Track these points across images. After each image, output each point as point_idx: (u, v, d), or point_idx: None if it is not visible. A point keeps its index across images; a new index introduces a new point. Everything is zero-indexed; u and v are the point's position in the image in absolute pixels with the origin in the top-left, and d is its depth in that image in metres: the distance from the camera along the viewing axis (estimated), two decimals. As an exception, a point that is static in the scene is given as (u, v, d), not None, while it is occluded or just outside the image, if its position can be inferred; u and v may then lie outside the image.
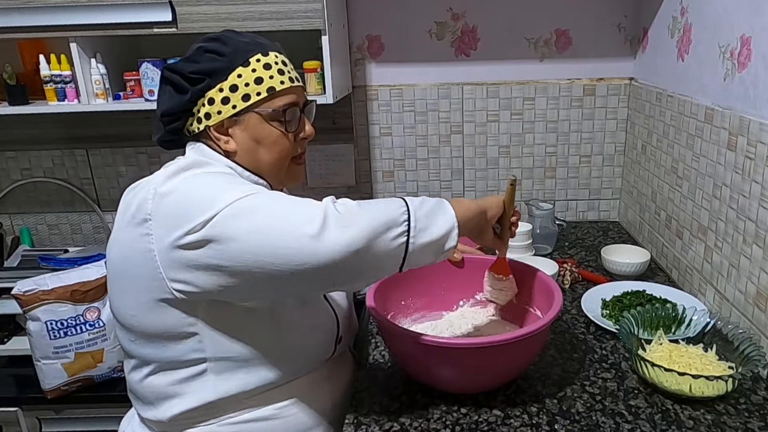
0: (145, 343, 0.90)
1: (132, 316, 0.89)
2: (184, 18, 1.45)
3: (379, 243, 0.79)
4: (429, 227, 0.83)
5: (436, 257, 0.87)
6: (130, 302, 0.89)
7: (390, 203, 0.83)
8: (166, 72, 0.93)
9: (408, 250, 0.82)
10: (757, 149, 1.09)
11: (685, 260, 1.44)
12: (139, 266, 0.84)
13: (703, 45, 1.33)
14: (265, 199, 0.82)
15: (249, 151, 0.94)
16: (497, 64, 1.82)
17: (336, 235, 0.76)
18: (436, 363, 0.98)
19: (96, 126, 1.91)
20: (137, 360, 0.94)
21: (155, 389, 0.93)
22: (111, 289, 0.94)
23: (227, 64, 0.90)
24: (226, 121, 0.92)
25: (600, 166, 1.93)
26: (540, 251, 1.65)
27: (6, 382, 1.48)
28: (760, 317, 1.10)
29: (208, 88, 0.91)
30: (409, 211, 0.82)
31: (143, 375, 0.93)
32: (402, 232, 0.81)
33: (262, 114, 0.93)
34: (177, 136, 0.98)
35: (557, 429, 0.94)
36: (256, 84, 0.91)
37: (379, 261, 0.81)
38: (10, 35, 1.49)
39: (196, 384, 0.91)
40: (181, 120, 0.94)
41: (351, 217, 0.79)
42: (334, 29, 1.54)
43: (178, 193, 0.82)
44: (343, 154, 1.93)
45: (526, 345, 0.97)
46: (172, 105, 0.92)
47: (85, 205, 2.02)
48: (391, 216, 0.81)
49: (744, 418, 0.95)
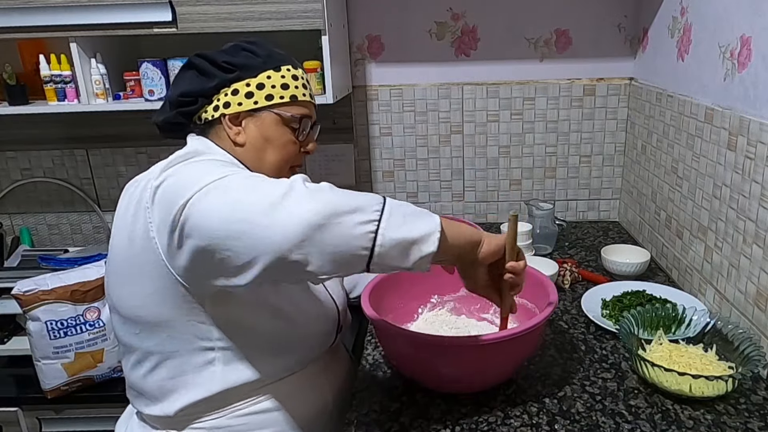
0: (150, 335, 0.90)
1: (137, 306, 0.89)
2: (184, 18, 1.45)
3: (341, 224, 0.73)
4: (405, 225, 0.77)
5: (410, 261, 0.78)
6: (135, 292, 0.89)
7: (368, 195, 0.78)
8: (195, 58, 0.97)
9: (376, 241, 0.75)
10: (757, 149, 1.09)
11: (685, 260, 1.44)
12: (144, 255, 0.85)
13: (703, 45, 1.33)
14: (241, 177, 0.80)
15: (257, 147, 0.97)
16: (497, 64, 1.82)
17: (295, 206, 0.73)
18: (434, 361, 0.98)
19: (96, 126, 1.91)
20: (139, 354, 0.93)
21: (160, 383, 0.92)
22: (113, 282, 0.93)
23: (260, 64, 0.96)
24: (242, 114, 0.96)
25: (600, 166, 1.93)
26: (540, 251, 1.65)
27: (6, 382, 1.48)
28: (760, 317, 1.10)
29: (236, 79, 0.95)
30: (384, 205, 0.77)
31: (147, 369, 0.93)
32: (370, 220, 0.75)
33: (281, 115, 0.97)
34: (184, 121, 0.98)
35: (557, 429, 0.94)
36: (282, 89, 0.97)
37: (340, 245, 0.74)
38: (10, 35, 1.49)
39: (203, 374, 0.91)
40: (196, 104, 0.96)
41: (317, 192, 0.75)
42: (334, 29, 1.54)
43: (171, 179, 0.82)
44: (343, 154, 1.93)
45: (523, 341, 0.97)
46: (194, 87, 0.95)
47: (85, 205, 2.02)
48: (362, 203, 0.76)
49: (744, 418, 0.95)
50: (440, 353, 0.97)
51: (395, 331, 1.00)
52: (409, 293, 1.21)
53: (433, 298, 1.26)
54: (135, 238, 0.85)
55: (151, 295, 0.87)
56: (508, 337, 0.93)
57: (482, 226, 1.46)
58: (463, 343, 0.97)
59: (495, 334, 0.95)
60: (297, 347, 0.98)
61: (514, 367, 1.06)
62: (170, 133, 1.02)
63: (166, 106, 1.00)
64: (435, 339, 1.00)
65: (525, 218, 1.71)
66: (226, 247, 0.75)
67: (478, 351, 0.95)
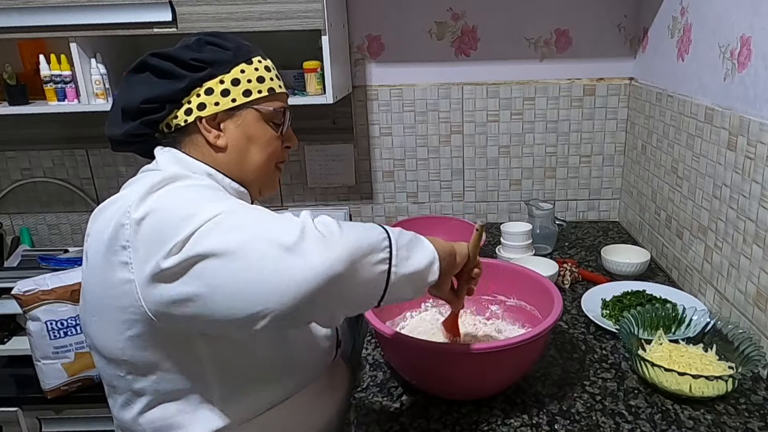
0: (139, 377, 0.82)
1: (119, 350, 0.80)
2: (184, 18, 1.45)
3: (361, 268, 0.69)
4: (410, 257, 0.75)
5: (415, 292, 0.79)
6: (114, 335, 0.79)
7: (370, 228, 0.75)
8: (151, 59, 0.86)
9: (390, 280, 0.73)
10: (757, 149, 1.09)
11: (685, 260, 1.44)
12: (120, 298, 0.75)
13: (703, 45, 1.33)
14: (245, 212, 0.73)
15: (240, 149, 0.90)
16: (497, 64, 1.82)
17: (315, 255, 0.66)
18: (435, 369, 0.97)
19: (96, 126, 1.88)
20: (127, 395, 0.84)
21: (155, 424, 0.84)
22: (89, 322, 0.83)
23: (231, 57, 0.88)
24: (220, 115, 0.88)
25: (600, 166, 1.93)
26: (540, 251, 1.65)
27: (6, 382, 1.48)
28: (760, 317, 1.10)
29: (208, 77, 0.86)
30: (390, 238, 0.74)
31: (138, 410, 0.84)
32: (384, 258, 0.72)
33: (262, 111, 0.91)
34: (149, 131, 0.88)
35: (557, 429, 0.94)
36: (258, 82, 0.90)
37: (358, 289, 0.71)
38: (10, 35, 1.49)
39: (202, 412, 0.84)
40: (163, 111, 0.86)
41: (332, 236, 0.69)
42: (334, 29, 1.54)
43: (155, 213, 0.72)
44: (343, 154, 1.93)
45: (524, 351, 0.96)
46: (159, 92, 0.85)
47: (85, 205, 2.02)
48: (373, 240, 0.72)
49: (744, 418, 0.95)
50: (448, 362, 0.95)
51: (402, 341, 0.97)
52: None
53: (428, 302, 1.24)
54: (110, 278, 0.75)
55: (132, 339, 0.78)
56: (508, 347, 0.92)
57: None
58: (463, 351, 0.94)
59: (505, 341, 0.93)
60: (296, 370, 0.94)
61: (515, 377, 1.04)
62: (129, 146, 0.91)
63: (118, 117, 0.88)
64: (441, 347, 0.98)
65: (525, 218, 1.71)
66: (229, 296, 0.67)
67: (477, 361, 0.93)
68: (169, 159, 0.88)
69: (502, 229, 1.60)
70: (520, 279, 1.17)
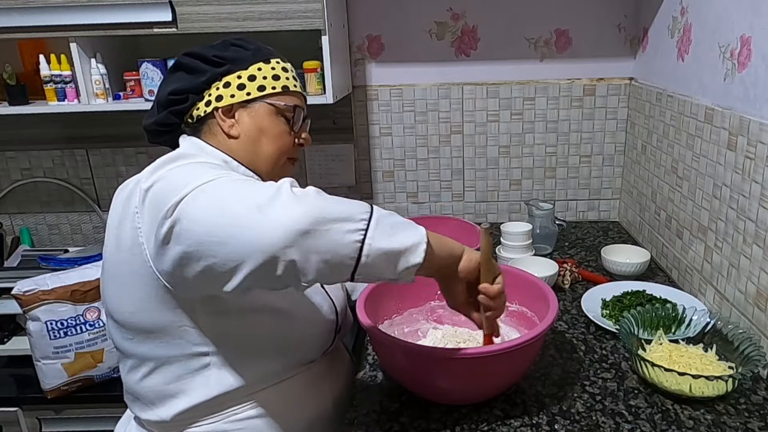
0: (144, 340, 0.89)
1: (130, 313, 0.88)
2: (184, 18, 1.45)
3: (328, 231, 0.72)
4: (393, 235, 0.76)
5: (396, 273, 0.77)
6: (127, 299, 0.88)
7: (355, 203, 0.77)
8: (183, 57, 0.97)
9: (363, 251, 0.74)
10: (757, 149, 1.09)
11: (685, 260, 1.44)
12: (133, 261, 0.83)
13: (703, 45, 1.33)
14: (229, 179, 0.78)
15: (251, 139, 0.97)
16: (497, 64, 1.82)
17: (281, 210, 0.71)
18: (429, 373, 0.96)
19: (96, 126, 1.91)
20: (135, 359, 0.92)
21: (156, 388, 0.91)
22: (107, 287, 0.92)
23: (250, 57, 0.97)
24: (235, 106, 0.96)
25: (600, 166, 1.93)
26: (540, 251, 1.65)
27: (6, 382, 1.48)
28: (760, 317, 1.10)
29: (227, 72, 0.95)
30: (371, 214, 0.76)
31: (142, 374, 0.92)
32: (358, 229, 0.74)
33: (274, 105, 0.98)
34: (176, 121, 0.97)
35: (557, 429, 0.94)
36: (273, 80, 0.98)
37: (326, 253, 0.72)
38: (10, 35, 1.49)
39: (199, 379, 0.90)
40: (187, 102, 0.96)
41: (304, 197, 0.74)
42: (334, 29, 1.54)
43: (159, 182, 0.80)
44: (343, 154, 1.93)
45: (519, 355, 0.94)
46: (184, 85, 0.95)
47: (85, 205, 2.02)
48: (349, 211, 0.74)
49: (744, 418, 0.95)
50: (435, 366, 0.94)
51: (390, 341, 0.97)
52: (407, 299, 1.19)
53: (433, 302, 1.23)
54: (123, 243, 0.84)
55: (142, 301, 0.86)
56: (495, 353, 0.90)
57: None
58: (451, 356, 0.92)
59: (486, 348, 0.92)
60: (294, 349, 0.97)
61: (509, 382, 1.03)
62: (160, 136, 1.01)
63: (155, 108, 0.99)
64: (430, 350, 0.97)
65: (525, 218, 1.71)
66: (211, 253, 0.73)
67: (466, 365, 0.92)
68: (189, 145, 0.97)
69: (502, 229, 1.60)
70: (520, 284, 1.15)
